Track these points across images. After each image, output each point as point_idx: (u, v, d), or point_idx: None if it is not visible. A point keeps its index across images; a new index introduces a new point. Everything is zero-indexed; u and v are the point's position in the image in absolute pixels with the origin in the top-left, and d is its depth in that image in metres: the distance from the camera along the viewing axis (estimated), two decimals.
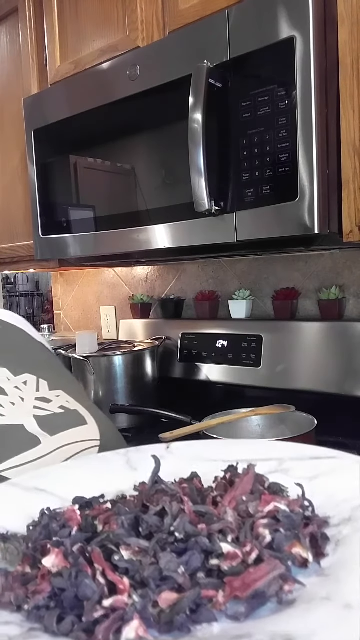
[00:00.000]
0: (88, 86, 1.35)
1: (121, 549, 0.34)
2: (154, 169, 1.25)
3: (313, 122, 0.95)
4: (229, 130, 1.06)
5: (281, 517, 0.36)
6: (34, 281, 7.07)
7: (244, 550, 0.34)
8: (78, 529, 0.39)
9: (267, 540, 0.35)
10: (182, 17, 1.23)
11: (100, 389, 1.53)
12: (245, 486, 0.40)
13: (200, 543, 0.34)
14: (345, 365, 1.32)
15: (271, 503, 0.38)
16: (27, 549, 0.38)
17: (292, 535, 0.35)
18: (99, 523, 0.39)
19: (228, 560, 0.33)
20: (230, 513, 0.37)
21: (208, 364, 1.57)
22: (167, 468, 0.46)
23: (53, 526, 0.39)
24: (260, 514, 0.37)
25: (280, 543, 0.34)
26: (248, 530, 0.35)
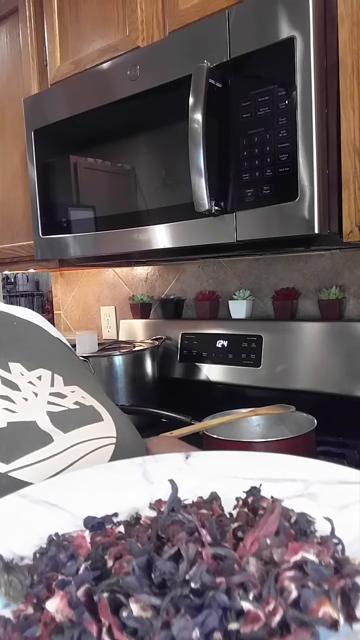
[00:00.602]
0: (88, 86, 1.35)
1: (131, 600, 0.31)
2: (154, 169, 1.25)
3: (313, 122, 0.95)
4: (229, 130, 1.06)
5: (309, 569, 0.33)
6: (34, 281, 7.08)
7: (267, 610, 0.30)
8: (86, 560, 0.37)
9: (292, 597, 0.31)
10: (182, 17, 1.23)
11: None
12: (270, 526, 0.36)
13: (218, 600, 0.30)
14: (345, 365, 1.32)
15: (299, 552, 0.34)
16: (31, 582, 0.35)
17: (320, 592, 0.31)
18: (109, 557, 0.36)
19: (249, 624, 0.30)
20: (253, 562, 0.33)
21: (208, 364, 1.57)
22: (184, 482, 0.44)
23: (60, 557, 0.37)
24: (285, 564, 0.33)
25: (308, 601, 0.31)
26: (272, 585, 0.31)
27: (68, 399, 0.63)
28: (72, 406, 0.62)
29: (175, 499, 0.42)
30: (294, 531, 0.38)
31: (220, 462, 0.51)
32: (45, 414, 0.59)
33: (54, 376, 0.66)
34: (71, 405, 0.62)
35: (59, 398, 0.62)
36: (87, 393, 0.66)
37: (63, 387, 0.65)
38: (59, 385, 0.65)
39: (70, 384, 0.66)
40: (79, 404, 0.63)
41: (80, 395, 0.65)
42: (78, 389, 0.66)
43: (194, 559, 0.33)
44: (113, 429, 0.62)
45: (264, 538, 0.36)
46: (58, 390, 0.64)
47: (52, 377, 0.65)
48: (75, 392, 0.65)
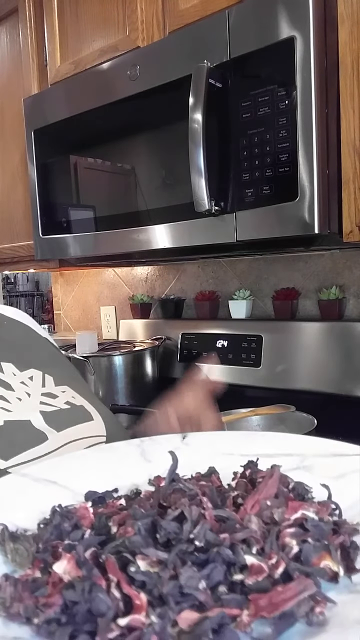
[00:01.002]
0: (88, 86, 1.35)
1: (137, 558, 0.32)
2: (154, 169, 1.25)
3: (313, 122, 0.95)
4: (229, 130, 1.06)
5: (309, 525, 0.34)
6: (34, 281, 7.07)
7: (270, 563, 0.31)
8: (91, 530, 0.37)
9: (294, 552, 0.32)
10: (182, 17, 1.23)
11: (100, 389, 1.53)
12: (269, 489, 0.37)
13: (223, 554, 0.31)
14: (345, 365, 1.32)
15: (298, 510, 0.35)
16: (37, 550, 0.36)
17: (321, 547, 0.32)
18: (112, 524, 0.37)
19: (253, 575, 0.31)
20: (255, 521, 0.34)
21: (208, 364, 1.57)
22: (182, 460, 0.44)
23: (65, 525, 0.37)
24: (286, 522, 0.35)
25: (309, 555, 0.32)
26: (274, 541, 0.33)
27: (59, 399, 0.65)
28: (64, 406, 0.64)
29: (176, 469, 0.42)
30: (293, 496, 0.39)
31: (216, 441, 0.52)
32: (38, 413, 0.61)
33: (45, 376, 0.67)
34: (62, 405, 0.64)
35: (50, 398, 0.64)
36: (76, 393, 0.68)
37: (54, 388, 0.66)
38: (50, 385, 0.66)
39: (61, 384, 0.67)
40: (70, 403, 0.65)
41: (71, 395, 0.66)
42: (68, 389, 0.67)
43: (197, 520, 0.34)
44: (103, 428, 0.64)
45: (264, 500, 0.37)
46: (49, 390, 0.65)
47: (43, 377, 0.67)
48: (65, 392, 0.66)
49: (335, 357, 1.33)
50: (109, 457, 0.51)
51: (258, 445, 0.49)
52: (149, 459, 0.49)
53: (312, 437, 0.51)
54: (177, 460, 0.43)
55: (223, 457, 0.47)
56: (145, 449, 0.51)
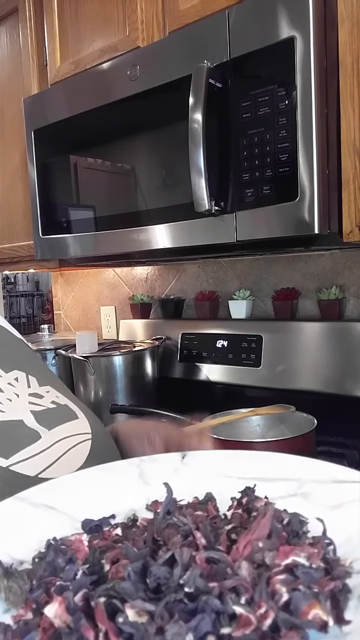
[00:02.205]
0: (88, 86, 1.35)
1: (126, 606, 0.32)
2: (154, 169, 1.25)
3: (313, 122, 0.95)
4: (229, 130, 1.06)
5: (300, 572, 0.34)
6: (34, 281, 7.06)
7: (259, 613, 0.31)
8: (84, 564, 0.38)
9: (283, 599, 0.32)
10: (182, 17, 1.23)
11: (100, 389, 1.53)
12: (262, 529, 0.37)
13: (211, 604, 0.31)
14: (345, 365, 1.32)
15: (289, 556, 0.35)
16: (31, 587, 0.36)
17: (311, 595, 0.32)
18: (105, 561, 0.37)
19: (241, 628, 0.30)
20: (245, 566, 0.34)
21: (208, 364, 1.57)
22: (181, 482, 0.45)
23: (59, 561, 0.38)
24: (277, 568, 0.34)
25: (298, 604, 0.32)
26: (264, 589, 0.32)
27: (45, 398, 0.67)
28: (50, 405, 0.66)
29: (170, 503, 0.42)
30: (286, 533, 0.39)
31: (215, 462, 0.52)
32: (29, 413, 0.63)
33: (29, 377, 0.69)
34: (49, 404, 0.66)
35: (37, 398, 0.66)
36: (59, 393, 0.69)
37: (38, 388, 0.68)
38: (35, 386, 0.68)
39: (44, 384, 0.69)
40: (55, 403, 0.67)
41: (55, 395, 0.68)
42: (51, 389, 0.69)
43: (188, 563, 0.34)
44: (87, 426, 0.66)
45: (257, 541, 0.36)
46: (35, 390, 0.67)
47: (27, 378, 0.68)
48: (49, 392, 0.68)
49: (335, 357, 1.33)
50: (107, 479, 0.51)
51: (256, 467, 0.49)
52: (148, 482, 0.49)
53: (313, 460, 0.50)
54: (171, 492, 0.43)
55: (221, 480, 0.47)
56: (144, 470, 0.51)
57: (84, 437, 0.64)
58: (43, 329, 1.91)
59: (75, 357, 1.53)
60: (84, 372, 1.53)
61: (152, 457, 0.53)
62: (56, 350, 1.66)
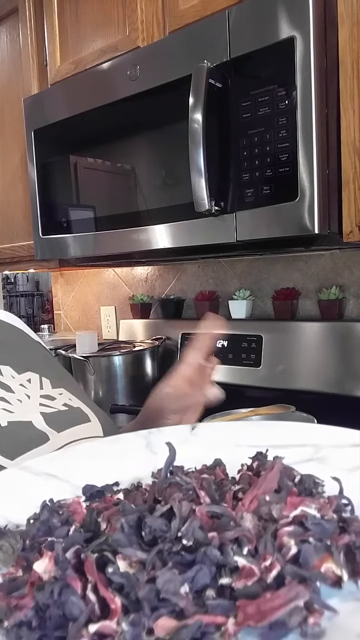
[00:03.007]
0: (88, 86, 1.35)
1: (118, 558, 0.29)
2: (154, 169, 1.25)
3: (313, 122, 0.95)
4: (229, 130, 1.06)
5: (310, 524, 0.31)
6: (34, 281, 7.07)
7: (263, 565, 0.28)
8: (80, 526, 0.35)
9: (292, 553, 0.29)
10: (182, 17, 1.23)
11: (100, 389, 1.53)
12: (269, 483, 0.34)
13: (210, 555, 0.28)
14: (345, 365, 1.31)
15: (298, 507, 0.32)
16: (23, 547, 0.34)
17: (322, 547, 0.29)
18: (102, 520, 0.35)
19: (242, 578, 0.27)
20: (249, 518, 0.31)
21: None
22: (190, 453, 0.42)
23: (54, 521, 0.35)
24: (284, 520, 0.31)
25: (308, 557, 0.28)
26: (269, 540, 0.29)
27: (57, 401, 0.66)
28: (62, 408, 0.65)
29: (172, 462, 0.40)
30: (298, 490, 0.36)
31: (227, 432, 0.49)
32: (39, 414, 0.62)
33: (42, 379, 0.68)
34: (61, 407, 0.65)
35: (49, 400, 0.65)
36: (73, 395, 0.69)
37: (51, 390, 0.67)
38: (47, 387, 0.68)
39: (57, 386, 0.69)
40: (67, 405, 0.66)
41: (68, 398, 0.68)
42: (64, 391, 0.69)
43: (188, 516, 0.32)
44: (100, 430, 0.65)
45: (263, 495, 0.33)
46: (47, 392, 0.67)
47: (40, 379, 0.68)
48: (62, 394, 0.68)
49: (335, 357, 1.33)
50: (113, 449, 0.48)
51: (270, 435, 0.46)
52: (155, 451, 0.46)
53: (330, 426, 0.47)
54: (174, 452, 0.41)
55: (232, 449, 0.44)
56: (151, 441, 0.48)
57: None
58: (43, 329, 1.91)
59: (75, 357, 1.53)
60: (84, 372, 1.53)
61: (159, 429, 0.51)
62: (56, 350, 1.66)
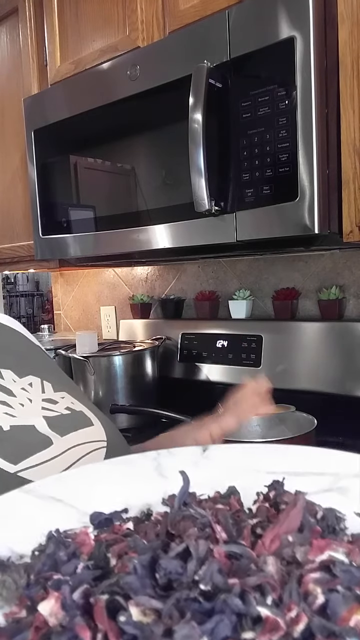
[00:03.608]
0: (88, 86, 1.35)
1: (130, 604, 0.27)
2: (154, 169, 1.25)
3: (313, 122, 0.95)
4: (229, 130, 1.06)
5: (338, 570, 0.28)
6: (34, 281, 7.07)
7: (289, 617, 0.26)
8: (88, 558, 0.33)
9: (318, 602, 0.27)
10: (182, 17, 1.23)
11: (100, 389, 1.53)
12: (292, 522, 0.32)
13: (231, 605, 0.26)
14: (345, 365, 1.31)
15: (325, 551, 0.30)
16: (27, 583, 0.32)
17: (352, 597, 0.27)
18: (112, 555, 0.32)
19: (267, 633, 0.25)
20: (272, 562, 0.29)
21: (208, 364, 1.57)
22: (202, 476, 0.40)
23: (60, 554, 0.33)
24: (310, 565, 0.29)
25: (336, 607, 0.26)
26: (294, 588, 0.27)
27: (59, 404, 0.65)
28: (64, 411, 0.65)
29: (186, 492, 0.37)
30: (321, 528, 0.34)
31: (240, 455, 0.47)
32: (41, 418, 0.61)
33: (44, 383, 0.68)
34: (63, 410, 0.65)
35: (51, 404, 0.65)
36: (75, 399, 0.68)
37: (53, 394, 0.67)
38: (49, 391, 0.67)
39: (59, 390, 0.68)
40: (70, 409, 0.66)
41: (70, 401, 0.67)
42: (67, 395, 0.68)
43: (205, 557, 0.29)
44: (103, 433, 0.65)
45: (286, 535, 0.32)
46: (49, 396, 0.66)
47: (42, 383, 0.68)
48: (64, 398, 0.67)
49: (335, 357, 1.33)
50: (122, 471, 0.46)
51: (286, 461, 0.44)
52: (165, 475, 0.44)
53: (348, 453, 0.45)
54: (188, 481, 0.38)
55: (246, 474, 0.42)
56: (161, 463, 0.46)
57: (98, 445, 0.62)
58: (43, 329, 1.91)
59: (75, 357, 1.53)
60: (84, 372, 1.53)
61: (169, 450, 0.48)
62: (56, 350, 1.66)
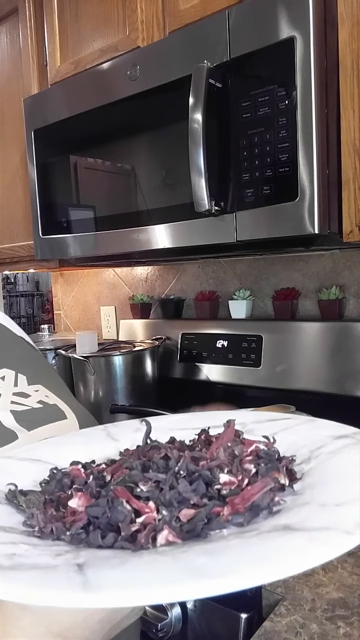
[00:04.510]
0: (88, 86, 1.35)
1: (139, 484, 0.40)
2: (154, 169, 1.25)
3: (313, 122, 0.95)
4: (229, 130, 1.06)
5: (262, 454, 0.45)
6: (34, 281, 7.07)
7: (238, 479, 0.42)
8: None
9: (252, 471, 0.43)
10: (182, 17, 1.23)
11: (100, 389, 1.53)
12: (228, 435, 0.47)
13: (203, 475, 0.42)
14: (345, 365, 1.32)
15: (253, 444, 0.46)
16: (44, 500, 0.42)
17: (272, 467, 0.43)
18: (107, 474, 0.44)
19: (227, 486, 0.41)
20: (222, 452, 0.45)
21: (208, 364, 1.57)
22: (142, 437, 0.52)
23: (65, 480, 0.44)
24: (245, 454, 0.45)
25: (264, 472, 0.43)
26: (238, 465, 0.43)
27: (31, 398, 0.65)
28: (36, 405, 0.64)
29: (150, 432, 0.50)
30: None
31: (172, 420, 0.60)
32: (9, 412, 0.61)
33: (18, 376, 0.67)
34: (34, 404, 0.64)
35: (22, 397, 0.64)
36: (51, 392, 0.68)
37: (27, 387, 0.66)
38: (23, 384, 0.66)
39: (34, 383, 0.68)
40: (43, 402, 0.65)
41: (44, 394, 0.67)
42: (42, 388, 0.68)
43: (179, 457, 0.44)
44: (77, 427, 0.65)
45: (226, 443, 0.47)
46: (21, 390, 0.66)
47: (16, 376, 0.67)
48: (39, 391, 0.67)
49: (335, 357, 1.33)
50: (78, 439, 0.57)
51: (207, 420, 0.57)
52: (116, 439, 0.56)
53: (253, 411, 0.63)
54: (150, 426, 0.51)
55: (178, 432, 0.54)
56: (110, 432, 0.58)
57: None
58: (43, 329, 1.91)
59: (75, 357, 1.53)
60: (84, 372, 1.53)
61: (114, 423, 0.60)
62: (56, 350, 1.66)
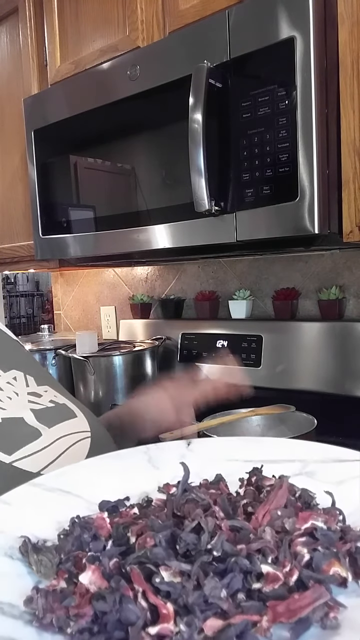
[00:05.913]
0: (88, 86, 1.35)
1: (161, 569, 0.34)
2: (154, 169, 1.25)
3: (313, 122, 0.95)
4: (229, 130, 1.06)
5: (319, 534, 0.36)
6: (34, 281, 7.07)
7: (284, 571, 0.34)
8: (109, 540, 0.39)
9: (305, 560, 0.35)
10: (182, 17, 1.23)
11: (100, 389, 1.53)
12: (279, 500, 0.40)
13: (240, 564, 0.34)
14: (345, 365, 1.32)
15: (308, 520, 0.38)
16: (60, 561, 0.37)
17: (330, 554, 0.35)
18: (131, 535, 0.38)
19: (270, 583, 0.33)
20: (268, 531, 0.37)
21: (208, 364, 1.57)
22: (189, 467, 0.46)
23: (84, 536, 0.39)
24: (297, 532, 0.37)
25: (320, 562, 0.34)
26: (287, 550, 0.35)
27: (44, 397, 0.68)
28: (49, 404, 0.67)
29: (188, 479, 0.43)
30: (300, 504, 0.41)
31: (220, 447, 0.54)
32: (29, 411, 0.64)
33: (27, 377, 0.70)
34: (48, 403, 0.67)
35: (36, 397, 0.67)
36: (57, 392, 0.71)
37: (37, 387, 0.69)
38: (33, 385, 0.69)
39: (42, 384, 0.70)
40: (54, 402, 0.68)
41: (53, 394, 0.69)
42: (49, 388, 0.70)
43: (214, 531, 0.36)
44: (86, 424, 0.67)
45: (275, 510, 0.39)
46: (33, 390, 0.68)
47: (25, 378, 0.69)
48: (47, 391, 0.70)
49: (335, 357, 1.33)
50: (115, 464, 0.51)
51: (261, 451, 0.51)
52: (157, 466, 0.50)
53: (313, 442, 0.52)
54: (188, 471, 0.44)
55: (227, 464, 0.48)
56: (151, 456, 0.52)
57: (83, 435, 0.65)
58: (43, 329, 1.91)
59: (75, 357, 1.53)
60: (84, 372, 1.53)
61: (157, 445, 0.54)
62: (56, 350, 1.66)
